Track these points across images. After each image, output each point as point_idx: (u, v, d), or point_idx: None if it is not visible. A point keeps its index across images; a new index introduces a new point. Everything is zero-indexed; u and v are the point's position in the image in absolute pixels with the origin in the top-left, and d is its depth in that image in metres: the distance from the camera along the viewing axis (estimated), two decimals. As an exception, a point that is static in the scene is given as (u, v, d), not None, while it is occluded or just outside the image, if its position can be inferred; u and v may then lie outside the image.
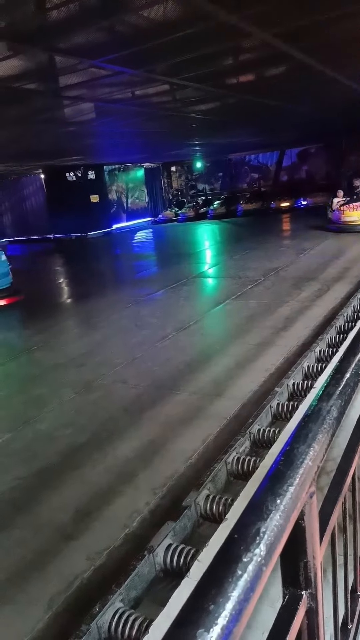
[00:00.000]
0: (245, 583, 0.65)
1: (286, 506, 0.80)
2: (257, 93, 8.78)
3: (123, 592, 1.95)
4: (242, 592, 0.64)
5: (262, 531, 0.73)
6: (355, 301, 5.94)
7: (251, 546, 0.70)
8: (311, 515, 0.93)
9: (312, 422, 1.04)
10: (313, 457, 0.93)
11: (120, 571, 2.11)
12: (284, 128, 15.28)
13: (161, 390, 4.45)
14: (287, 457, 0.92)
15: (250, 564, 0.68)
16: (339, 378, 1.24)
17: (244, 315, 6.58)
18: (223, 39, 5.48)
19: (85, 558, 2.46)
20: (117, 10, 4.46)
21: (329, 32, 5.73)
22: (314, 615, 0.98)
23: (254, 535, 0.72)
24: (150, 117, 9.94)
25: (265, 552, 0.71)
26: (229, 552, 0.70)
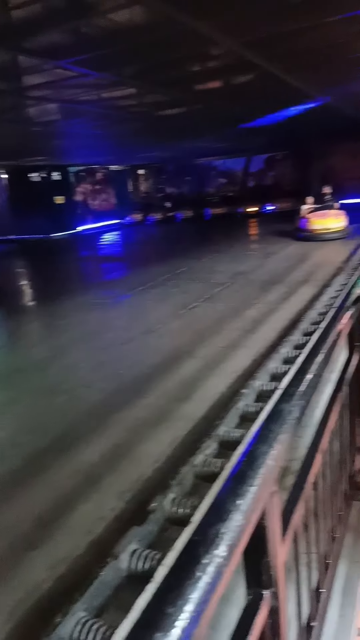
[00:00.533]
0: (205, 585, 0.65)
1: (247, 506, 0.80)
2: (223, 99, 8.88)
3: (86, 601, 1.91)
4: (201, 594, 0.64)
5: (222, 532, 0.73)
6: (320, 304, 6.06)
7: (211, 548, 0.70)
8: (273, 515, 0.94)
9: (274, 423, 1.05)
10: (275, 456, 0.93)
11: (83, 579, 2.07)
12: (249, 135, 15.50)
13: (127, 394, 4.41)
14: (250, 457, 0.92)
15: (210, 565, 0.67)
16: (301, 379, 1.26)
17: (212, 317, 6.61)
18: (190, 46, 5.52)
19: (47, 567, 2.39)
20: (83, 13, 4.43)
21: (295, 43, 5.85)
22: (277, 614, 0.99)
23: (214, 537, 0.72)
24: (118, 120, 9.90)
25: (225, 553, 0.70)
26: (189, 554, 0.69)
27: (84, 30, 4.94)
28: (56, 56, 5.36)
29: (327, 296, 6.45)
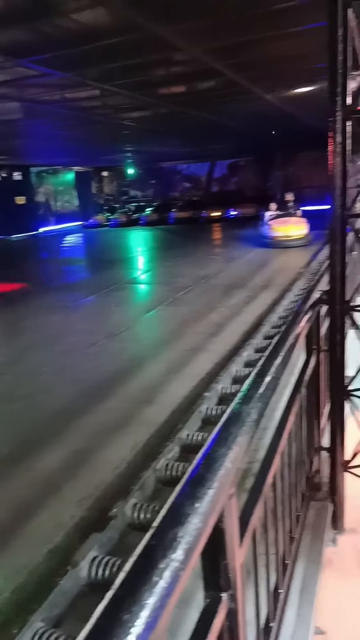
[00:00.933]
0: (161, 590, 0.64)
1: (205, 509, 0.80)
2: (188, 105, 8.95)
3: (44, 611, 1.86)
4: (158, 599, 0.63)
5: (180, 536, 0.73)
6: (280, 308, 6.18)
7: (168, 552, 0.69)
8: (231, 517, 0.94)
9: (233, 425, 1.06)
10: (232, 459, 0.94)
11: (42, 589, 2.02)
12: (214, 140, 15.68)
13: (89, 399, 4.35)
14: (208, 460, 0.93)
15: (167, 569, 0.67)
16: (260, 382, 1.28)
17: (176, 321, 6.62)
18: (154, 51, 5.53)
19: (3, 578, 2.32)
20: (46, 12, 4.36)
21: (257, 53, 5.96)
22: (234, 616, 0.99)
23: (171, 541, 0.71)
24: (81, 121, 9.79)
25: (182, 557, 0.70)
26: (146, 559, 0.69)
27: (47, 30, 4.87)
28: (18, 54, 5.25)
29: (287, 300, 6.59)
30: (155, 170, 26.46)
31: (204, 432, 3.45)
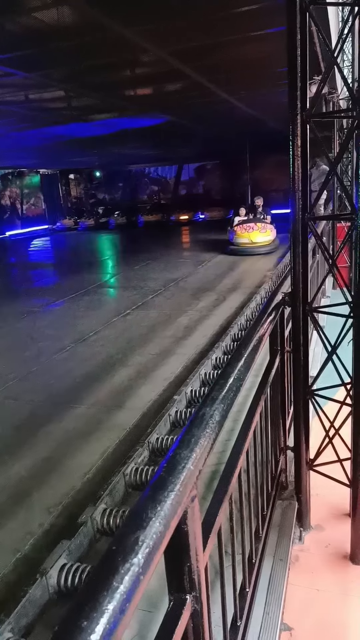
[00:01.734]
0: (121, 595, 0.65)
1: (166, 512, 0.80)
2: (154, 107, 8.97)
3: (12, 621, 1.83)
4: (117, 604, 0.63)
5: (141, 540, 0.73)
6: (248, 311, 6.26)
7: (129, 556, 0.70)
8: (193, 519, 0.95)
9: (196, 427, 1.07)
10: (195, 461, 0.95)
11: (10, 599, 1.98)
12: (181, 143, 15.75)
13: (58, 405, 4.30)
14: (170, 463, 0.93)
15: (127, 574, 0.67)
16: (223, 383, 1.30)
17: (145, 325, 6.61)
18: (119, 52, 5.53)
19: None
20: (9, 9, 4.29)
21: (221, 55, 6.04)
22: (199, 618, 1.00)
23: (132, 545, 0.72)
24: (46, 122, 9.68)
25: (143, 561, 0.71)
26: (106, 564, 0.69)
27: (9, 28, 4.79)
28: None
29: (254, 303, 6.68)
30: (123, 173, 26.39)
31: (174, 435, 3.46)
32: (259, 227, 12.17)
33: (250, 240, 11.87)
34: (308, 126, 2.00)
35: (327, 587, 2.26)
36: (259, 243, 11.88)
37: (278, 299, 2.26)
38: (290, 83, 1.98)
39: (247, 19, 4.79)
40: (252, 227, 12.14)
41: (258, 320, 1.88)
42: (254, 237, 11.89)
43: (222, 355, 4.94)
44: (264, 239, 11.96)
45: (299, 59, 1.94)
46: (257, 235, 11.94)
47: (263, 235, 11.98)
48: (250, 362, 1.52)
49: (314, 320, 2.21)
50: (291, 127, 2.02)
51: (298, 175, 2.03)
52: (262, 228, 12.14)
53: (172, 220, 21.33)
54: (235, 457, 1.49)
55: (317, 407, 2.35)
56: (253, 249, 11.83)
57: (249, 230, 12.09)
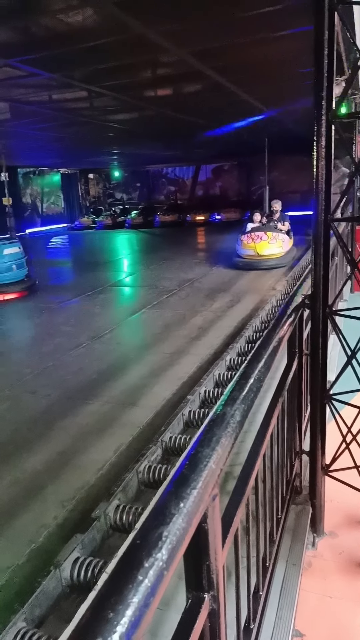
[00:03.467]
0: (145, 588, 0.65)
1: (189, 509, 0.81)
2: (173, 107, 8.99)
3: (26, 611, 1.85)
4: (142, 597, 0.64)
5: (165, 535, 0.74)
6: (263, 312, 6.24)
7: (153, 551, 0.70)
8: (214, 518, 0.96)
9: (217, 427, 1.07)
10: (216, 460, 0.95)
11: (24, 589, 2.00)
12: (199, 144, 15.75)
13: (73, 400, 4.34)
14: (192, 460, 0.94)
15: (152, 568, 0.68)
16: (243, 384, 1.30)
17: (160, 324, 6.63)
18: (140, 52, 5.55)
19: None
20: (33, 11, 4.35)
21: (242, 56, 6.03)
22: (216, 617, 1.00)
23: (156, 540, 0.72)
24: (68, 122, 9.77)
25: (167, 557, 0.71)
26: (131, 558, 0.69)
27: (34, 30, 4.86)
28: (5, 54, 5.22)
29: (269, 305, 6.65)
30: (141, 173, 26.49)
31: (187, 434, 3.46)
32: (269, 236, 10.36)
33: (256, 252, 10.09)
34: (333, 127, 1.99)
35: (340, 594, 2.24)
36: (265, 256, 10.09)
37: (297, 301, 2.24)
38: (316, 83, 1.97)
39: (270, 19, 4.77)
40: (260, 237, 10.35)
41: (277, 322, 1.87)
42: (261, 249, 10.12)
43: (236, 357, 4.93)
44: (273, 251, 10.16)
45: (326, 59, 1.93)
46: (264, 246, 10.15)
47: (272, 247, 10.18)
48: (270, 363, 1.52)
49: (334, 323, 2.20)
50: (316, 127, 2.00)
51: (322, 176, 2.02)
52: (273, 238, 10.31)
53: (188, 220, 21.35)
54: (252, 459, 1.49)
55: (334, 411, 2.34)
56: (258, 263, 10.06)
57: (256, 240, 10.31)
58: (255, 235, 10.39)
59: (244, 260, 10.26)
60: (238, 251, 10.48)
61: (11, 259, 9.04)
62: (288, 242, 10.60)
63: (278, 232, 10.52)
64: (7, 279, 8.82)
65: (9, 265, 8.95)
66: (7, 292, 8.72)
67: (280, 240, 10.35)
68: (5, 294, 8.69)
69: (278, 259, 10.12)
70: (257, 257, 10.07)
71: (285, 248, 10.35)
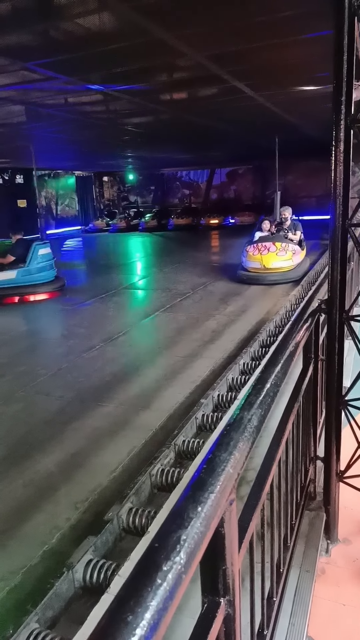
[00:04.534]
0: (164, 592, 0.65)
1: (207, 513, 0.81)
2: (189, 111, 9.01)
3: (39, 612, 1.86)
4: (161, 601, 0.64)
5: (183, 539, 0.74)
6: (277, 317, 6.21)
7: (171, 554, 0.70)
8: (231, 523, 0.95)
9: (234, 431, 1.07)
10: (234, 464, 0.95)
11: (37, 591, 2.01)
12: (214, 147, 15.76)
13: (86, 402, 4.36)
14: (209, 464, 0.94)
15: (170, 572, 0.68)
16: (260, 388, 1.29)
17: (173, 327, 6.64)
18: (157, 56, 5.59)
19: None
20: (52, 15, 4.40)
21: (260, 60, 6.02)
22: (232, 622, 1.00)
23: (175, 543, 0.72)
24: (84, 125, 9.85)
25: (185, 560, 0.71)
26: (149, 561, 0.70)
27: (52, 33, 4.92)
28: (23, 57, 5.29)
29: (283, 309, 6.61)
30: (155, 176, 26.61)
31: (200, 438, 3.45)
32: (277, 247, 9.34)
33: (262, 264, 9.10)
34: (352, 131, 1.98)
35: (354, 602, 2.21)
36: (273, 269, 9.08)
37: (314, 306, 2.23)
38: (336, 87, 1.96)
39: (289, 23, 4.76)
40: (267, 248, 9.33)
41: (294, 326, 1.86)
42: (268, 261, 9.10)
43: (250, 361, 4.91)
44: (282, 264, 9.14)
45: (346, 63, 1.92)
46: (271, 259, 9.13)
47: (281, 260, 9.15)
48: (287, 368, 1.51)
49: (351, 328, 2.18)
50: (334, 132, 1.99)
51: (340, 181, 2.00)
52: (282, 249, 9.31)
53: (202, 224, 21.35)
54: (267, 464, 1.48)
55: (349, 417, 2.31)
56: (264, 277, 9.12)
57: (262, 251, 9.28)
58: (262, 246, 9.41)
59: (249, 274, 9.32)
60: (243, 263, 9.57)
61: (44, 259, 9.23)
62: (299, 253, 9.61)
63: (288, 243, 9.56)
64: (41, 279, 9.01)
65: (44, 265, 9.15)
66: (40, 292, 8.90)
67: (290, 251, 9.35)
68: (37, 294, 8.86)
69: (287, 273, 9.16)
70: (263, 271, 9.11)
71: (295, 260, 9.36)
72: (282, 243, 9.43)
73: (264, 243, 9.45)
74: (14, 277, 8.81)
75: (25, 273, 8.90)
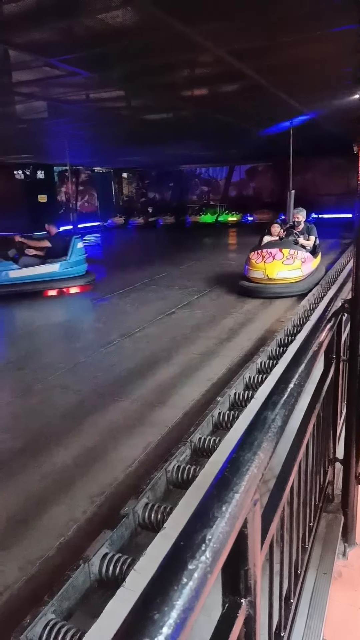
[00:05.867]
0: (190, 591, 0.65)
1: (232, 513, 0.80)
2: (210, 107, 8.97)
3: (55, 603, 1.88)
4: (187, 600, 0.63)
5: (209, 538, 0.73)
6: (295, 316, 6.15)
7: (197, 553, 0.70)
8: (254, 523, 0.94)
9: (258, 430, 1.06)
10: (258, 464, 0.94)
11: (53, 581, 2.03)
12: (234, 144, 15.66)
13: (103, 397, 4.38)
14: (233, 464, 0.93)
15: (196, 571, 0.67)
16: (284, 388, 1.28)
17: (190, 324, 6.63)
18: (179, 51, 5.57)
19: (17, 568, 2.35)
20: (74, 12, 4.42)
21: (283, 56, 5.97)
22: (252, 623, 0.99)
23: (200, 543, 0.72)
24: (104, 121, 9.89)
25: (210, 560, 0.70)
26: (175, 559, 0.69)
27: (75, 29, 4.94)
28: (46, 53, 5.32)
29: (302, 308, 6.54)
30: (174, 173, 26.59)
31: (216, 436, 3.44)
32: (284, 254, 8.08)
33: (266, 274, 7.87)
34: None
35: (371, 606, 2.18)
36: (277, 280, 7.87)
37: (337, 305, 2.20)
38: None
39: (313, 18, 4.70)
40: (272, 255, 8.09)
41: (317, 326, 1.84)
42: (272, 270, 7.85)
43: (267, 360, 4.87)
44: (289, 274, 7.90)
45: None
46: (276, 268, 7.88)
47: (288, 269, 7.90)
48: (310, 368, 1.49)
49: (374, 330, 2.14)
50: (362, 130, 1.95)
51: (366, 180, 1.97)
52: (289, 257, 8.04)
53: (221, 221, 21.27)
54: (288, 465, 1.46)
55: (370, 419, 2.28)
56: (267, 289, 7.87)
57: (267, 258, 8.06)
58: (267, 253, 8.17)
59: (250, 285, 8.04)
60: (245, 272, 8.39)
61: (80, 253, 9.53)
62: (311, 262, 8.32)
63: (297, 250, 8.27)
64: (76, 272, 9.27)
65: (80, 259, 9.44)
66: (75, 285, 9.14)
67: (300, 260, 8.06)
68: (71, 287, 9.08)
69: (293, 284, 7.89)
70: (266, 281, 7.88)
71: (305, 270, 8.07)
72: (290, 250, 8.20)
73: (270, 249, 8.26)
74: (56, 270, 9.06)
75: (66, 266, 9.15)
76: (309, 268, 8.19)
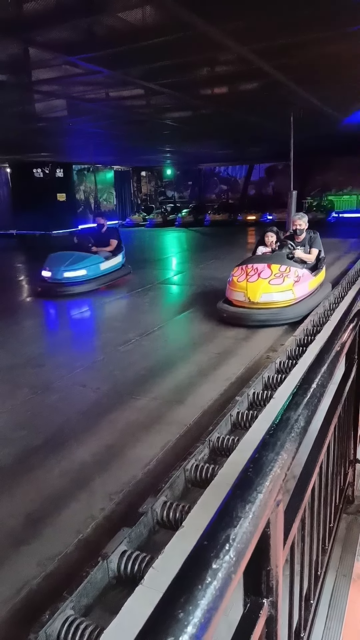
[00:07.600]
0: (214, 590, 0.64)
1: (255, 513, 0.79)
2: (230, 106, 8.94)
3: (74, 600, 1.89)
4: (211, 600, 0.63)
5: (232, 538, 0.72)
6: (316, 317, 6.08)
7: (221, 553, 0.69)
8: (277, 524, 0.94)
9: (281, 431, 1.05)
10: (281, 465, 0.93)
11: (72, 578, 2.05)
12: (254, 143, 15.57)
13: (121, 395, 4.40)
14: (256, 464, 0.92)
15: (220, 571, 0.67)
16: (306, 388, 1.26)
17: (208, 324, 6.61)
18: (200, 49, 5.56)
19: (36, 564, 2.38)
20: (95, 10, 4.44)
21: (306, 54, 5.91)
22: (274, 623, 0.98)
23: (224, 542, 0.71)
24: (124, 120, 9.93)
25: (234, 560, 0.70)
26: (199, 558, 0.69)
27: (95, 28, 4.97)
28: (67, 51, 5.37)
29: (322, 308, 6.47)
30: (193, 171, 26.57)
31: (234, 436, 3.43)
32: (273, 271, 6.31)
33: (247, 297, 6.19)
34: None
35: (391, 610, 2.15)
36: (260, 304, 6.16)
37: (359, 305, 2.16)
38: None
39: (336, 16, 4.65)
40: (257, 272, 6.36)
41: (339, 326, 1.81)
42: (254, 292, 6.16)
43: (286, 360, 4.83)
44: (275, 297, 6.18)
45: None
46: (260, 288, 6.17)
47: (275, 290, 6.18)
48: (333, 369, 1.48)
49: None
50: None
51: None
52: (279, 275, 6.26)
53: (239, 220, 21.17)
54: (310, 466, 1.45)
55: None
56: (248, 315, 6.18)
57: (251, 276, 6.33)
58: (252, 269, 6.45)
59: (229, 310, 6.36)
60: (226, 292, 6.67)
61: None
62: (308, 281, 6.49)
63: (291, 265, 6.46)
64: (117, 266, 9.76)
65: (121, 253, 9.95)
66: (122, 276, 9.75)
67: (292, 279, 6.25)
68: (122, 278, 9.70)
69: (283, 310, 6.17)
70: (247, 305, 6.21)
71: (298, 293, 6.28)
72: (280, 265, 6.41)
73: (256, 264, 6.52)
74: (120, 260, 9.86)
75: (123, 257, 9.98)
76: (304, 289, 6.39)
